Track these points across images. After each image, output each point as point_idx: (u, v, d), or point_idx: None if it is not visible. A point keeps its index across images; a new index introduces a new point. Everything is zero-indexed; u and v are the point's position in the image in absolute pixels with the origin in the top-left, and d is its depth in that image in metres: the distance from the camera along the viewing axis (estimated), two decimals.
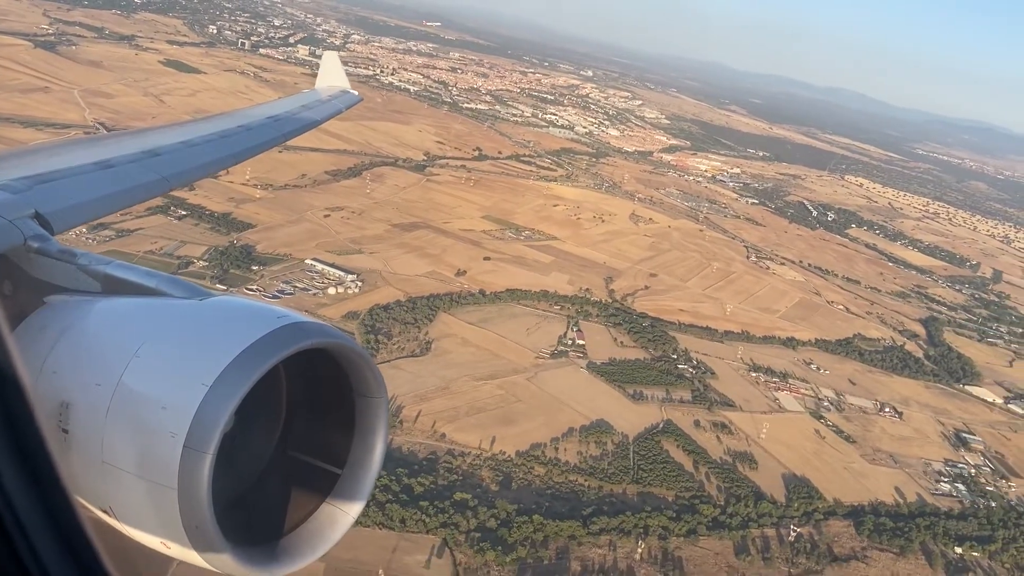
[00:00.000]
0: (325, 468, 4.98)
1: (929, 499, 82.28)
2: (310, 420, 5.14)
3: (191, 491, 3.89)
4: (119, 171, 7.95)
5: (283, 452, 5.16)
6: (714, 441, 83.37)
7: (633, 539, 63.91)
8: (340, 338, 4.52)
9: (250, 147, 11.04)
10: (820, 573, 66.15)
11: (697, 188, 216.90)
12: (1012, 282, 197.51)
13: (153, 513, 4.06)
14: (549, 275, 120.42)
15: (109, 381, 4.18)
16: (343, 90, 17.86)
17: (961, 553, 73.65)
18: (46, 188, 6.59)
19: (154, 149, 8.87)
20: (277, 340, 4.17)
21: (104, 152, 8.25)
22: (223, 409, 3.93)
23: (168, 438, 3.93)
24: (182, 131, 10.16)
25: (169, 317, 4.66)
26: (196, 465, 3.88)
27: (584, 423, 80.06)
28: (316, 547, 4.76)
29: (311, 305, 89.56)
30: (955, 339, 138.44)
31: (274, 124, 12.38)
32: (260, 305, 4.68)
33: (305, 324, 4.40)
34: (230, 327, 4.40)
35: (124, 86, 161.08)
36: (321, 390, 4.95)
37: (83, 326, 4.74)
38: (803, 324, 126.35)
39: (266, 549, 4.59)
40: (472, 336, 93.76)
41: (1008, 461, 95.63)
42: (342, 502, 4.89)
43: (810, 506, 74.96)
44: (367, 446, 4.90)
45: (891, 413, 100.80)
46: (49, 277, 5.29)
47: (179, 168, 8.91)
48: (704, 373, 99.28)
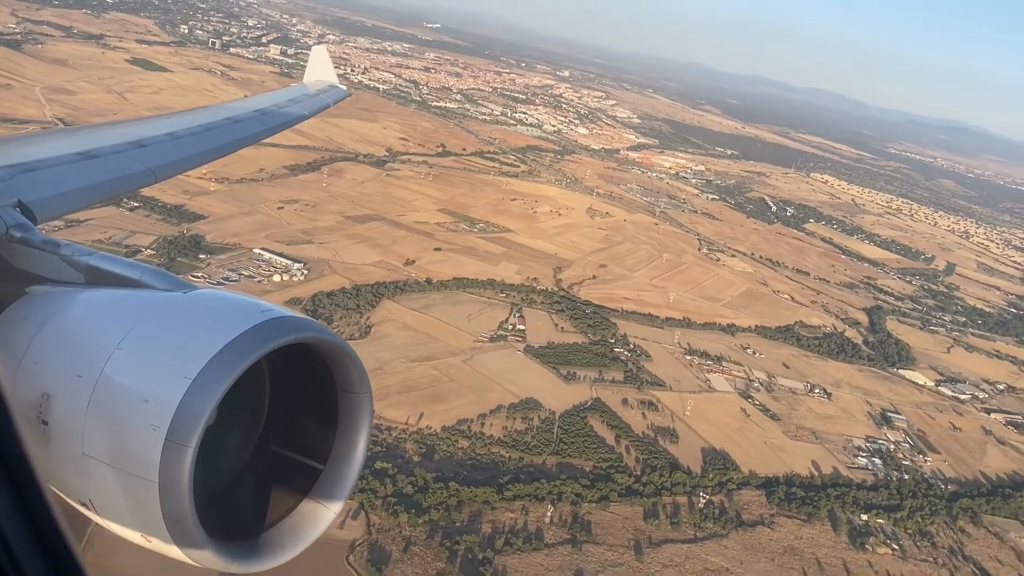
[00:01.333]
0: (307, 463, 5.00)
1: (845, 472, 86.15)
2: (292, 415, 5.15)
3: (172, 485, 3.89)
4: (104, 161, 7.98)
5: (265, 447, 5.16)
6: (639, 418, 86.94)
7: (546, 504, 67.42)
8: (324, 333, 4.55)
9: (236, 140, 11.17)
10: (725, 536, 69.79)
11: (659, 184, 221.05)
12: (964, 274, 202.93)
13: (133, 507, 4.06)
14: (498, 265, 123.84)
15: (91, 373, 4.17)
16: (331, 85, 18.21)
17: (867, 520, 77.49)
18: (29, 177, 6.62)
19: (140, 140, 8.96)
20: (261, 334, 4.20)
21: (89, 142, 8.30)
22: (206, 403, 3.93)
23: (150, 431, 3.93)
24: (168, 123, 10.30)
25: (152, 309, 4.63)
26: (178, 459, 3.88)
27: (513, 401, 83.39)
28: (297, 542, 4.78)
29: (254, 291, 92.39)
30: (897, 327, 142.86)
31: (261, 117, 12.56)
32: (244, 299, 4.70)
33: (289, 319, 4.42)
34: (214, 320, 4.41)
35: (88, 83, 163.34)
36: (304, 385, 4.97)
37: (65, 317, 4.71)
38: (746, 312, 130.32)
39: (247, 544, 4.61)
40: (413, 321, 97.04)
41: (929, 438, 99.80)
42: (324, 498, 4.93)
43: (724, 476, 78.65)
44: (350, 442, 4.92)
45: (820, 394, 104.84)
46: (31, 267, 5.26)
47: (165, 160, 8.99)
48: (639, 356, 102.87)
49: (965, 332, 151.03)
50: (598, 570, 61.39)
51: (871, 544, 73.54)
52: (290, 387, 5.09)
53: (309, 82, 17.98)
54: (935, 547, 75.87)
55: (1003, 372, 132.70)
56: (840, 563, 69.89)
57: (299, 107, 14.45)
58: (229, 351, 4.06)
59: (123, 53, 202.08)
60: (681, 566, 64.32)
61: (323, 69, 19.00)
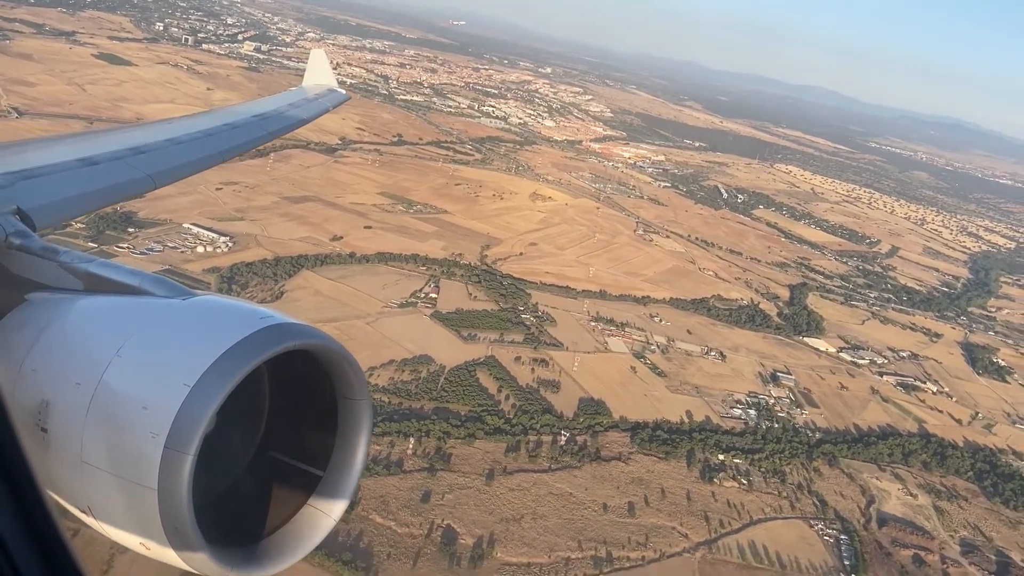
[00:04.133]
0: (306, 470, 5.06)
1: (716, 420, 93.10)
2: (292, 421, 5.22)
3: (171, 492, 3.93)
4: (103, 168, 8.07)
5: (265, 453, 5.24)
6: (527, 372, 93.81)
7: (410, 440, 74.41)
8: (324, 339, 4.60)
9: (235, 145, 11.26)
10: (579, 468, 76.80)
11: (613, 173, 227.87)
12: (907, 257, 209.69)
13: (132, 513, 4.10)
14: (426, 242, 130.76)
15: (90, 380, 4.21)
16: (330, 88, 18.30)
17: (723, 460, 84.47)
18: (29, 184, 6.66)
19: (139, 147, 9.09)
20: (260, 341, 4.26)
21: (88, 149, 8.39)
22: (205, 410, 3.98)
23: (149, 438, 3.96)
24: (168, 129, 10.41)
25: (152, 316, 4.67)
26: (177, 466, 3.92)
27: (407, 356, 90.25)
28: (297, 549, 4.83)
29: (176, 261, 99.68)
30: (818, 302, 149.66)
31: (260, 122, 12.73)
32: (244, 305, 4.75)
33: (289, 325, 4.49)
34: (213, 327, 4.46)
35: (49, 76, 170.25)
36: (303, 391, 5.02)
37: (64, 324, 4.75)
38: (665, 286, 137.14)
39: (246, 551, 4.68)
40: (326, 288, 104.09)
41: (812, 395, 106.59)
42: (323, 504, 4.98)
43: (594, 420, 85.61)
44: (349, 448, 4.99)
45: (715, 356, 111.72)
46: (30, 274, 5.31)
47: (164, 166, 9.08)
48: (545, 321, 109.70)
49: (886, 307, 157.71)
50: (446, 491, 68.44)
51: (719, 479, 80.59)
52: (289, 393, 5.14)
53: (308, 86, 18.18)
54: (784, 483, 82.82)
55: (912, 342, 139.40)
56: (684, 492, 76.90)
57: (299, 111, 14.73)
58: (228, 358, 4.12)
59: (91, 49, 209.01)
60: (527, 491, 71.34)
61: (322, 73, 19.17)
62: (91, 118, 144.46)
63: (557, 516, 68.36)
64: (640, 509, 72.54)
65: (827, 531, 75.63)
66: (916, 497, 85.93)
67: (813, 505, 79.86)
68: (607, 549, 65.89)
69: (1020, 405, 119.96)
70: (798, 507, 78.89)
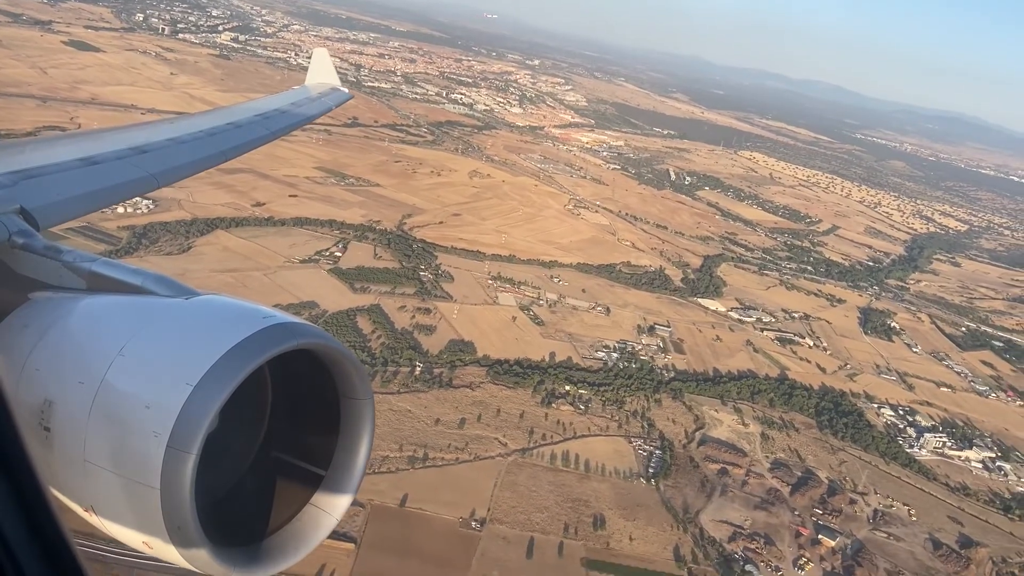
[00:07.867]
0: (309, 469, 5.12)
1: (577, 361, 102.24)
2: (294, 420, 5.28)
3: (174, 491, 3.98)
4: (106, 168, 8.21)
5: (267, 453, 5.30)
6: (407, 319, 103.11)
7: None
8: (326, 339, 4.64)
9: (238, 144, 11.38)
10: (426, 392, 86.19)
11: (564, 156, 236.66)
12: (844, 236, 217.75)
13: (135, 512, 4.14)
14: (348, 210, 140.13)
15: (93, 379, 4.25)
16: (333, 87, 18.37)
17: (568, 390, 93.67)
18: (31, 184, 6.78)
19: (141, 146, 9.23)
20: (262, 340, 4.30)
21: (91, 148, 8.51)
22: (207, 409, 4.02)
23: (151, 437, 4.00)
24: (170, 128, 10.57)
25: (154, 316, 4.72)
26: (179, 465, 3.96)
27: (293, 302, 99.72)
28: (299, 548, 4.89)
29: (94, 219, 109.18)
30: (729, 271, 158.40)
31: (263, 121, 12.77)
32: (247, 305, 4.78)
33: (291, 325, 4.52)
34: (216, 327, 4.52)
35: (14, 60, 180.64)
36: (306, 391, 5.09)
37: (67, 324, 4.79)
38: (577, 253, 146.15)
39: (249, 550, 4.74)
40: (234, 245, 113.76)
41: (683, 345, 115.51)
42: (326, 503, 5.03)
43: (455, 357, 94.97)
44: (351, 448, 5.05)
45: (600, 311, 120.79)
46: (34, 273, 5.36)
47: (166, 166, 9.19)
48: (442, 278, 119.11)
49: (799, 277, 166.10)
50: None
51: (557, 404, 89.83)
52: (292, 393, 5.23)
53: (311, 85, 18.23)
54: (620, 410, 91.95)
55: (812, 306, 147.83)
56: (519, 413, 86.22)
57: (302, 110, 14.86)
58: (231, 357, 4.17)
59: (63, 36, 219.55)
60: None
61: (325, 71, 19.29)
62: (46, 98, 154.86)
63: (388, 426, 77.71)
64: (470, 424, 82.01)
65: (644, 447, 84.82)
66: (748, 426, 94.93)
67: (640, 427, 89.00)
68: (425, 451, 75.36)
69: (895, 360, 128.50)
70: (625, 428, 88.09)
